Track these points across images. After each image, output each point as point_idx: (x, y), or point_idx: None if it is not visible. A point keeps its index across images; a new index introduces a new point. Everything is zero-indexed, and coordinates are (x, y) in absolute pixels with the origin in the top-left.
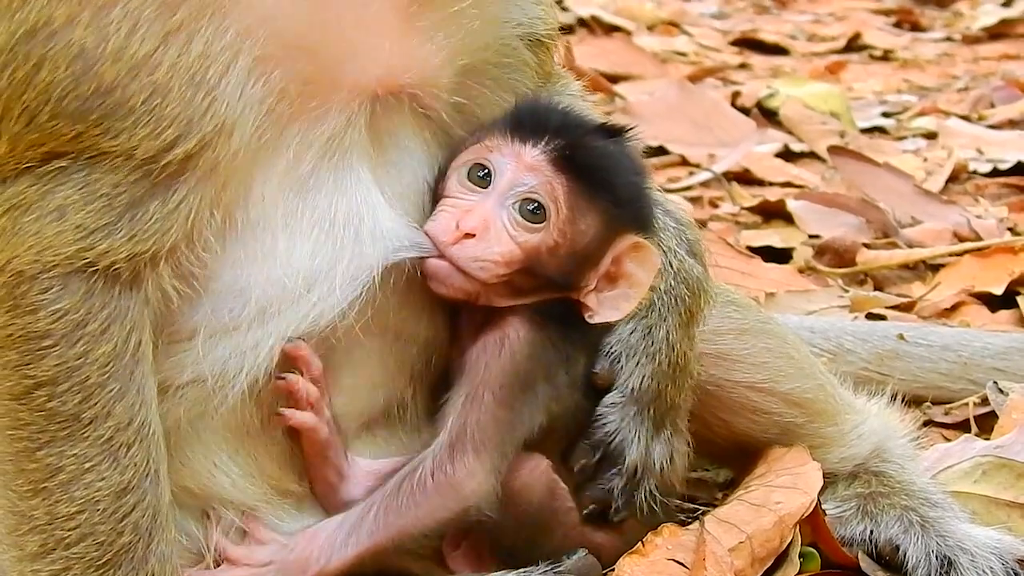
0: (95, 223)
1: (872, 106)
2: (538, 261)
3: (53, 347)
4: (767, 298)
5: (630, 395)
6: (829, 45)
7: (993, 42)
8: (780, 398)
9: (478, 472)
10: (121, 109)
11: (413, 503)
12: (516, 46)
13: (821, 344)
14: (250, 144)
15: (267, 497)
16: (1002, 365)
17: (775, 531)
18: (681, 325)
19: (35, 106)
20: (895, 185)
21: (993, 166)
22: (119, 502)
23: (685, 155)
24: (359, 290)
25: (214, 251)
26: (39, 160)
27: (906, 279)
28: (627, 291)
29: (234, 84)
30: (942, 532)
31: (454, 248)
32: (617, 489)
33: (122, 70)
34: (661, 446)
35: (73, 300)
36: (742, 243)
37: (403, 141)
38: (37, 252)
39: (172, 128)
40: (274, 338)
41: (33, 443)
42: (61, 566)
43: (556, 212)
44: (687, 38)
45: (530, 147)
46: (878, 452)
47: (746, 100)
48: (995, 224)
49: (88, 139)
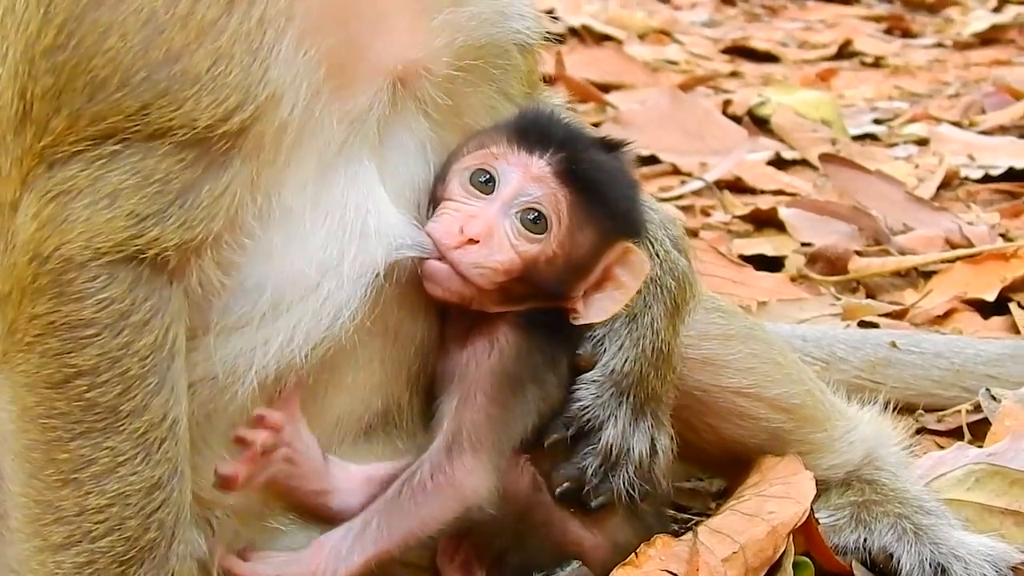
0: (147, 209)
1: (863, 113)
2: (535, 270)
3: (96, 336)
4: (759, 306)
5: (609, 375)
6: (820, 52)
7: (984, 48)
8: (767, 403)
9: (477, 471)
10: (187, 77)
11: (415, 506)
12: (510, 49)
13: (813, 352)
14: (293, 119)
15: (268, 505)
16: (995, 372)
17: (768, 541)
18: (666, 314)
19: (103, 76)
20: (887, 192)
21: (985, 172)
22: (149, 498)
23: (677, 164)
24: (365, 286)
25: (255, 236)
26: (96, 140)
27: (898, 286)
28: (614, 294)
29: (284, 53)
30: (936, 540)
31: (456, 252)
32: (591, 468)
33: (190, 36)
34: (641, 434)
35: (120, 289)
36: (734, 252)
37: (401, 135)
38: (87, 239)
39: (233, 97)
40: (284, 334)
41: (67, 433)
42: (85, 559)
43: (558, 223)
44: (678, 47)
45: (536, 157)
46: (870, 460)
47: (737, 108)
48: (987, 230)
49: (153, 112)
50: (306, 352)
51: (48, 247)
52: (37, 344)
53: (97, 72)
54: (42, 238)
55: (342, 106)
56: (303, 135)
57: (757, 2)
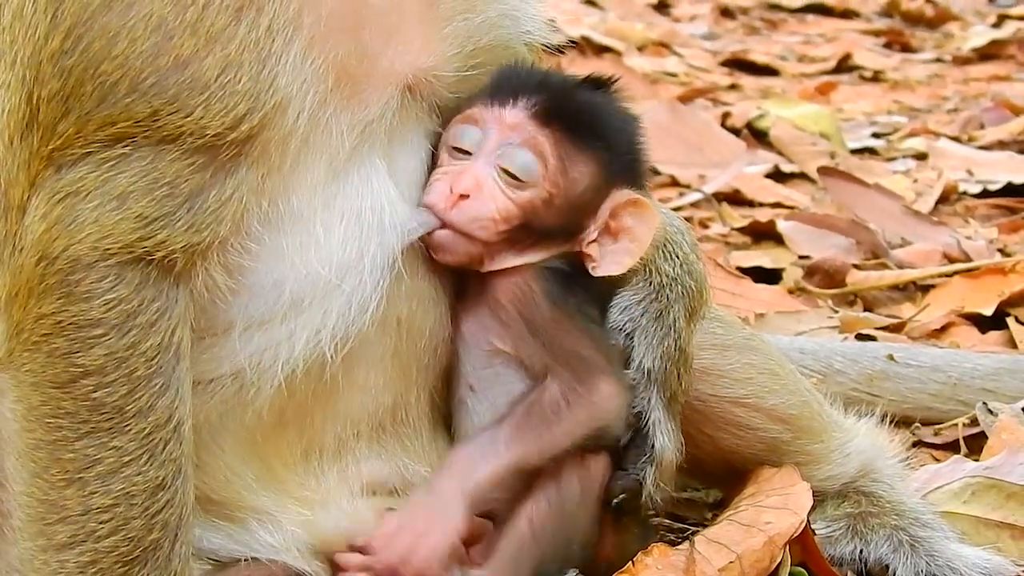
0: (156, 212)
1: (862, 127)
2: (535, 214)
3: (104, 336)
4: (757, 319)
5: (647, 376)
6: (819, 66)
7: (983, 63)
8: (764, 413)
9: (608, 388)
10: (197, 84)
11: (547, 425)
12: (519, 48)
13: (811, 365)
14: (299, 127)
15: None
16: (991, 386)
17: (765, 551)
18: (685, 316)
19: (112, 81)
20: (885, 206)
21: (983, 187)
22: (153, 498)
23: (675, 176)
24: (385, 281)
25: (264, 242)
26: (105, 143)
27: (896, 300)
28: (628, 245)
29: (292, 61)
30: (932, 552)
31: (452, 213)
32: (649, 479)
33: (199, 43)
34: (676, 436)
35: (128, 290)
36: (732, 264)
37: (408, 132)
38: (96, 240)
39: (243, 104)
40: (308, 330)
41: (73, 432)
42: (89, 558)
43: (543, 165)
44: (677, 59)
45: (510, 107)
46: (867, 472)
47: (736, 121)
48: (985, 245)
49: (163, 118)
50: (334, 347)
51: (57, 248)
52: (44, 344)
53: (106, 77)
54: (51, 239)
55: (352, 114)
56: (311, 142)
57: (757, 15)
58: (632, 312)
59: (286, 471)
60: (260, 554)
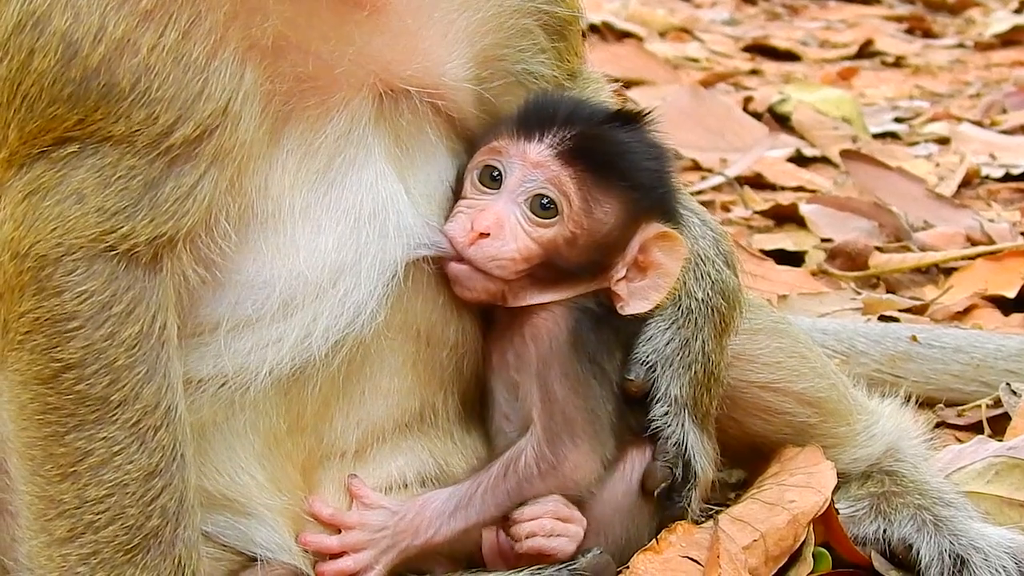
0: (115, 205)
1: (884, 112)
2: (557, 253)
3: (79, 329)
4: (780, 300)
5: (676, 405)
6: (841, 51)
7: (1005, 48)
8: (793, 397)
9: (581, 461)
10: (113, 92)
11: (519, 488)
12: (533, 30)
13: (834, 346)
14: (256, 135)
15: (291, 502)
16: (1015, 367)
17: (789, 530)
18: (715, 335)
19: (33, 93)
20: (907, 189)
21: (1005, 171)
22: (147, 485)
23: (698, 160)
24: (385, 285)
25: (231, 240)
26: (51, 144)
27: (918, 283)
28: (656, 281)
29: (227, 70)
30: (955, 531)
31: (471, 249)
32: (693, 503)
33: (105, 52)
34: (713, 453)
35: (98, 282)
36: (754, 247)
37: (424, 139)
38: (60, 235)
39: (168, 111)
40: (298, 331)
41: (62, 427)
42: (90, 549)
43: (568, 204)
44: (699, 44)
45: (535, 143)
46: (891, 452)
47: (758, 105)
48: (1008, 228)
49: (92, 123)
50: (326, 350)
51: (24, 245)
52: (27, 341)
53: (28, 91)
54: (19, 237)
55: (317, 122)
56: (275, 149)
57: (778, 1)
58: (656, 342)
59: (304, 474)
60: (273, 555)
